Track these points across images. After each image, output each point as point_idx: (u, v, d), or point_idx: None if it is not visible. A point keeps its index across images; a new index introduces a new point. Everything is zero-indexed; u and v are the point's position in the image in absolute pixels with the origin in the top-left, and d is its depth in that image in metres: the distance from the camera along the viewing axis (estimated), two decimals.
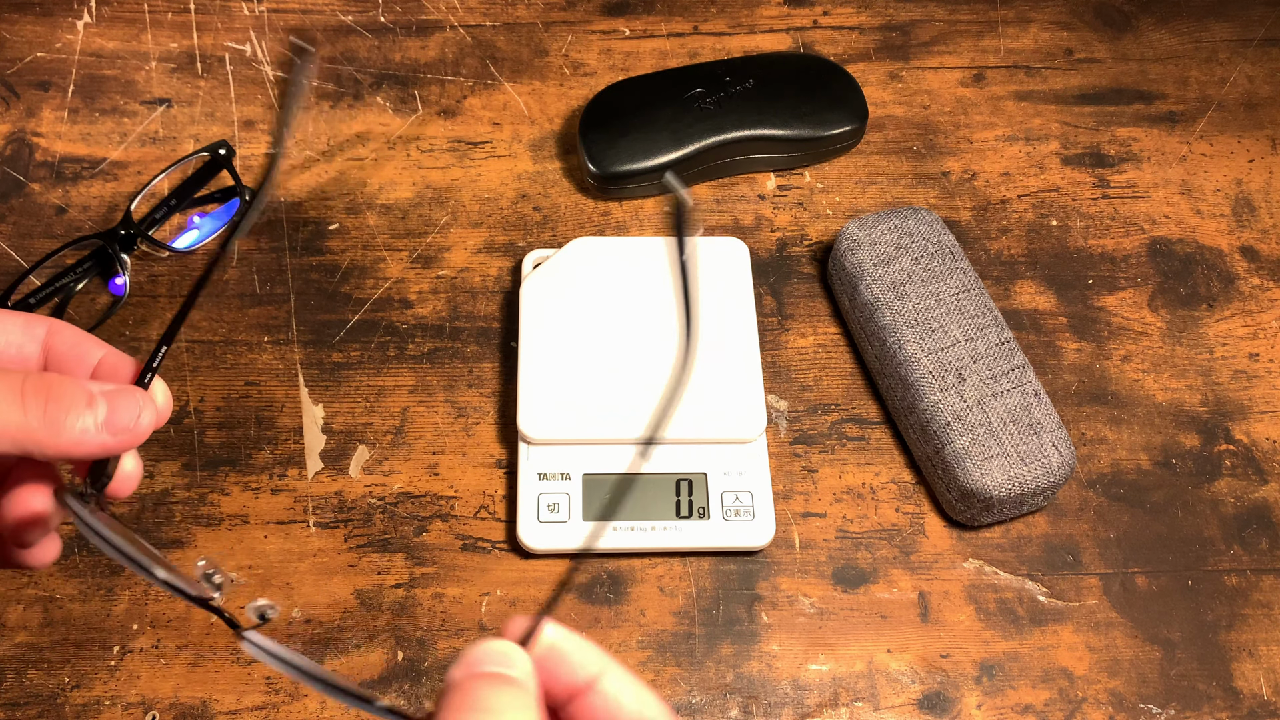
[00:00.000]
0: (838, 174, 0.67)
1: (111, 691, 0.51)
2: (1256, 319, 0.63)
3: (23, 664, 0.52)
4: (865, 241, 0.60)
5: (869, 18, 0.73)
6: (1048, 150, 0.68)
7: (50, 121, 0.68)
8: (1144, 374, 0.61)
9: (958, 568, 0.55)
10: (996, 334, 0.57)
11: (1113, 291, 0.63)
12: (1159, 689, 0.52)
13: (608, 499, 0.54)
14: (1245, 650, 0.53)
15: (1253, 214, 0.66)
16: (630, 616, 0.53)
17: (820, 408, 0.59)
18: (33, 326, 0.35)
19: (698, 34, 0.72)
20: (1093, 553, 0.56)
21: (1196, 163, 0.68)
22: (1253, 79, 0.71)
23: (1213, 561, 0.55)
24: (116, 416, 0.31)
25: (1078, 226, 0.65)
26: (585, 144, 0.64)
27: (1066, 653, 0.53)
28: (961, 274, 0.59)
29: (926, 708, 0.52)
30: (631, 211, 0.65)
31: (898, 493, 0.57)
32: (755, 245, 0.64)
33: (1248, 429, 0.59)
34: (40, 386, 0.31)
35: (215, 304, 0.61)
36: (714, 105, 0.65)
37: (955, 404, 0.55)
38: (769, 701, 0.52)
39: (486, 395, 0.59)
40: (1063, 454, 0.54)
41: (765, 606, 0.54)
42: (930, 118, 0.69)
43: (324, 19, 0.72)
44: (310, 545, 0.55)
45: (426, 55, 0.71)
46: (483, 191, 0.66)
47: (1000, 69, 0.71)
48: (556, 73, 0.71)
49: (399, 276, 0.63)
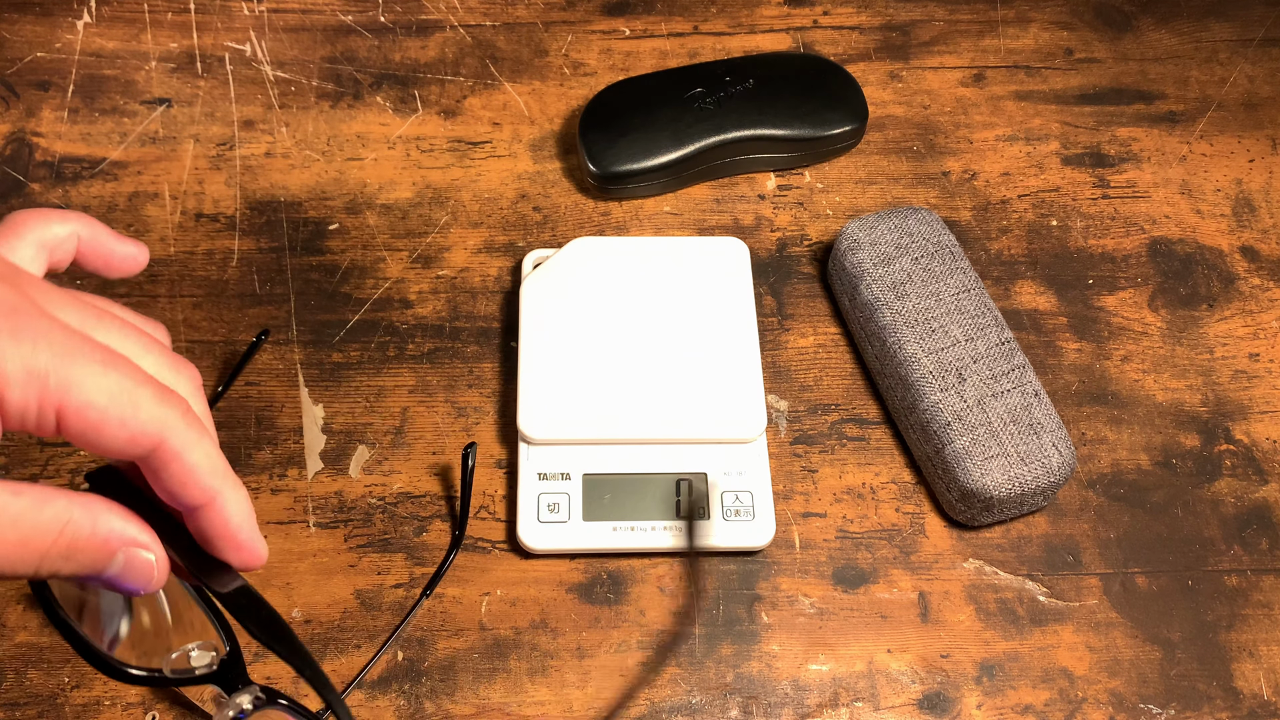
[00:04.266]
0: (838, 174, 0.67)
1: (111, 692, 0.51)
2: (1257, 319, 0.63)
3: (23, 664, 0.52)
4: (865, 241, 0.60)
5: (869, 18, 0.73)
6: (1048, 150, 0.68)
7: (50, 121, 0.68)
8: (1144, 374, 0.61)
9: (958, 568, 0.55)
10: (997, 334, 0.57)
11: (1113, 291, 0.63)
12: (1159, 689, 0.52)
13: (608, 499, 0.54)
14: (1245, 650, 0.53)
15: (1253, 214, 0.66)
16: (630, 617, 0.53)
17: (820, 408, 0.59)
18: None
19: (698, 34, 0.72)
20: (1093, 553, 0.56)
21: (1197, 163, 0.68)
22: (1253, 79, 0.71)
23: (1213, 561, 0.55)
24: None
25: (1078, 226, 0.65)
26: (585, 144, 0.64)
27: (1067, 653, 0.53)
28: (962, 274, 0.59)
29: (927, 708, 0.52)
30: (631, 211, 0.65)
31: (898, 493, 0.57)
32: (755, 245, 0.64)
33: (1248, 429, 0.59)
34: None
35: (215, 304, 0.61)
36: (714, 105, 0.65)
37: (955, 404, 0.55)
38: (769, 702, 0.52)
39: (486, 395, 0.59)
40: (1063, 454, 0.54)
41: (765, 606, 0.54)
42: (930, 118, 0.69)
43: (324, 18, 0.72)
44: (310, 545, 0.55)
45: (426, 55, 0.71)
46: (483, 191, 0.66)
47: (1000, 69, 0.71)
48: (556, 73, 0.71)
49: (399, 276, 0.63)
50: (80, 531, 0.28)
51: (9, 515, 0.27)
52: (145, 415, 0.28)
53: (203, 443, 0.29)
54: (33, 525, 0.27)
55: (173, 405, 0.29)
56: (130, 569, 0.29)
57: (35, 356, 0.26)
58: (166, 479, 0.29)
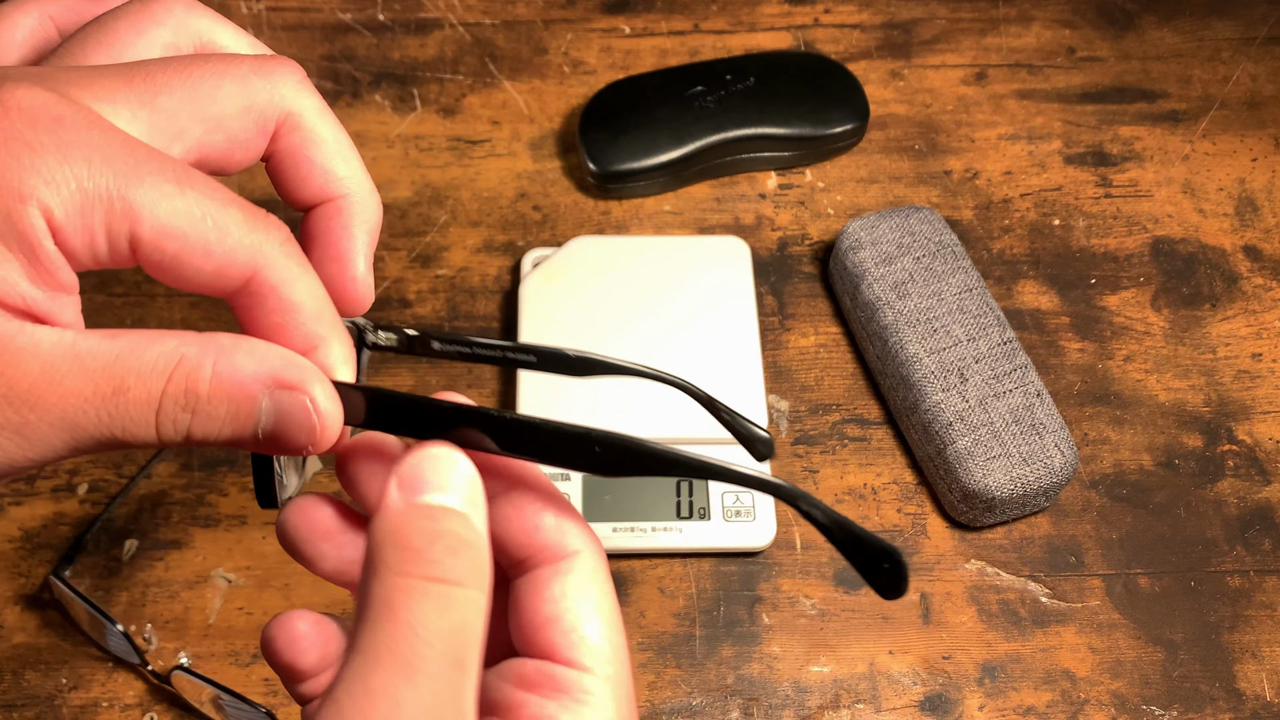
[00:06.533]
0: (839, 173, 0.67)
1: (109, 693, 0.51)
2: (1259, 319, 0.62)
3: (20, 665, 0.51)
4: (867, 241, 0.59)
5: (870, 16, 0.73)
6: (1050, 149, 0.68)
7: None
8: (1147, 374, 0.60)
9: (960, 569, 0.55)
10: (999, 334, 0.56)
11: (1115, 291, 0.63)
12: (1161, 690, 0.52)
13: (608, 499, 0.54)
14: (1248, 652, 0.53)
15: (1256, 213, 0.66)
16: (630, 618, 0.53)
17: (821, 408, 0.59)
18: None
19: (698, 32, 0.72)
20: (1095, 553, 0.55)
21: (1199, 162, 0.68)
22: (1256, 78, 0.71)
23: (1215, 562, 0.55)
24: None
25: (1080, 226, 0.65)
26: (585, 143, 0.64)
27: (1069, 654, 0.53)
28: (963, 273, 0.58)
29: (928, 709, 0.51)
30: (631, 210, 0.65)
31: (899, 493, 0.57)
32: (756, 244, 0.64)
33: (1251, 429, 0.59)
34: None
35: (213, 303, 0.61)
36: (714, 104, 0.65)
37: (957, 404, 0.54)
38: (770, 703, 0.51)
39: (486, 395, 0.59)
40: (1065, 454, 0.53)
41: (766, 608, 0.54)
42: (932, 116, 0.69)
43: (322, 17, 0.72)
44: None
45: (425, 53, 0.71)
46: (482, 190, 0.66)
47: (1002, 67, 0.71)
48: (556, 71, 0.70)
49: (398, 276, 0.62)
50: (198, 372, 0.23)
51: (102, 360, 0.22)
52: (233, 241, 0.23)
53: (306, 278, 0.25)
54: (133, 369, 0.22)
55: (268, 230, 0.24)
56: (284, 422, 0.24)
57: (92, 177, 0.21)
58: (262, 319, 0.25)
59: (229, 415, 0.23)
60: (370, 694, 0.21)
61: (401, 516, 0.23)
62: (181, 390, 0.23)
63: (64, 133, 0.21)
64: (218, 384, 0.23)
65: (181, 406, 0.23)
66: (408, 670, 0.21)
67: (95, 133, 0.22)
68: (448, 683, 0.21)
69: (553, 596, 0.26)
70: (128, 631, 0.49)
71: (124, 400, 0.22)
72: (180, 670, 0.48)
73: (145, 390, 0.22)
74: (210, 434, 0.23)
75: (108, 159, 0.21)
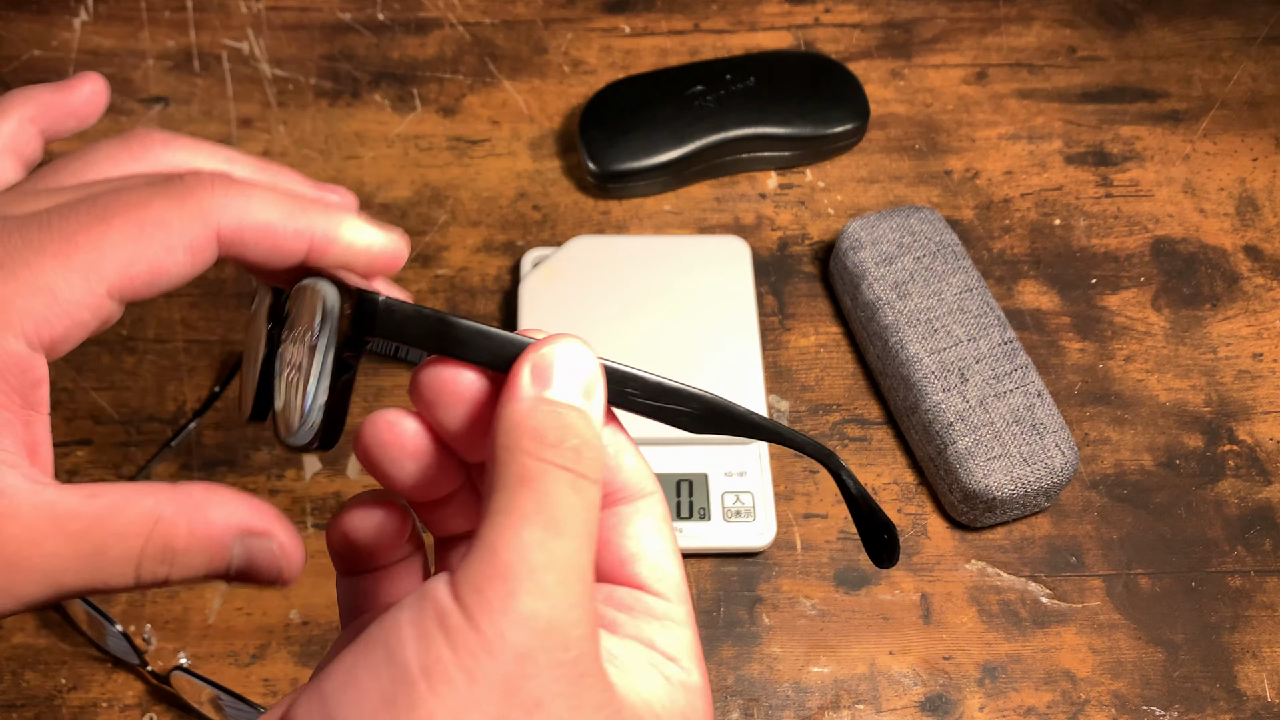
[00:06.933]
0: (839, 172, 0.67)
1: (109, 694, 0.51)
2: (1260, 319, 0.62)
3: (19, 665, 0.51)
4: (867, 240, 0.59)
5: (871, 15, 0.73)
6: (1050, 149, 0.68)
7: None
8: (1147, 374, 0.60)
9: (960, 569, 0.55)
10: (999, 334, 0.56)
11: (1116, 291, 0.63)
12: (1162, 691, 0.52)
13: None
14: (1249, 652, 0.53)
15: (1256, 213, 0.66)
16: None
17: (822, 408, 0.59)
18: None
19: (698, 31, 0.72)
20: (1096, 554, 0.55)
21: (1200, 161, 0.68)
22: (1256, 77, 0.71)
23: (1216, 563, 0.55)
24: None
25: (1081, 226, 0.65)
26: (585, 142, 0.64)
27: (1069, 654, 0.53)
28: (964, 273, 0.58)
29: (929, 710, 0.51)
30: (631, 210, 0.65)
31: (900, 493, 0.57)
32: (756, 244, 0.64)
33: (1252, 429, 0.59)
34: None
35: (213, 304, 0.61)
36: (715, 103, 0.65)
37: (958, 404, 0.54)
38: (770, 704, 0.51)
39: None
40: (1066, 455, 0.53)
41: (766, 608, 0.54)
42: (932, 116, 0.69)
43: (322, 16, 0.72)
44: (308, 546, 0.54)
45: (425, 53, 0.71)
46: (482, 190, 0.66)
47: (1003, 67, 0.71)
48: (556, 71, 0.70)
49: (397, 276, 0.62)
50: (174, 530, 0.24)
51: (82, 523, 0.24)
52: (304, 213, 0.28)
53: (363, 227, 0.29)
54: (112, 532, 0.24)
55: (329, 207, 0.28)
56: (253, 563, 0.26)
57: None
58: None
59: (204, 562, 0.25)
60: (524, 545, 0.23)
61: (532, 408, 0.26)
62: (159, 548, 0.24)
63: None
64: (193, 539, 0.25)
65: (159, 560, 0.24)
66: (555, 528, 0.24)
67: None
68: (587, 545, 0.24)
69: (636, 533, 0.28)
70: (127, 632, 0.49)
71: (105, 559, 0.24)
72: (179, 671, 0.48)
73: (125, 550, 0.24)
74: (187, 576, 0.25)
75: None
